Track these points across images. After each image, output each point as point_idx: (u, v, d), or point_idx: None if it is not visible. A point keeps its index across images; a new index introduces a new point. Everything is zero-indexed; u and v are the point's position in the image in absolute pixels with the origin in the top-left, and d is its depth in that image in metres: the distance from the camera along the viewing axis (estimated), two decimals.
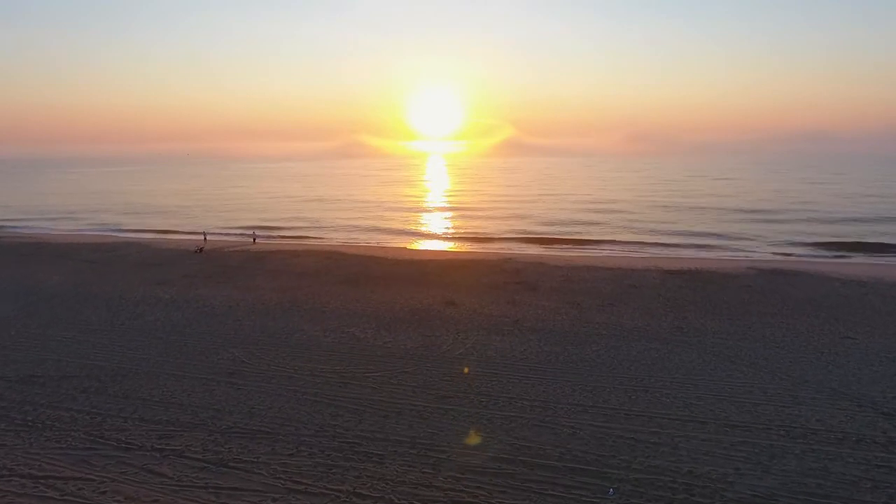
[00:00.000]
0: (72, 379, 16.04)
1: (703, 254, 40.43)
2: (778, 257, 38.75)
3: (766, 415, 13.40)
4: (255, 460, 11.72)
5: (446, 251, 42.98)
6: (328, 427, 13.04)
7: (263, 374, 16.23)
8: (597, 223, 57.14)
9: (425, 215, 68.68)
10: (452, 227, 57.53)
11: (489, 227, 55.54)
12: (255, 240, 45.86)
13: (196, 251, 38.11)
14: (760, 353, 17.61)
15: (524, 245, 45.53)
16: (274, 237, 50.62)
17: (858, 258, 37.94)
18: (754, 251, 41.39)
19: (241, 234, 51.04)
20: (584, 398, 14.34)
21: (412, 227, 57.21)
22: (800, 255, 39.51)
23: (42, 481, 11.05)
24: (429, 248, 44.46)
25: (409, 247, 44.89)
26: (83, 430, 13.11)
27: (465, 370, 16.91)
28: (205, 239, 45.86)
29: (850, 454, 11.65)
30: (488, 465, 11.43)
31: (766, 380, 15.45)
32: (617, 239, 46.99)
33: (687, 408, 13.80)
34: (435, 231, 55.16)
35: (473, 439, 12.60)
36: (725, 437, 12.37)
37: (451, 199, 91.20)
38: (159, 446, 12.32)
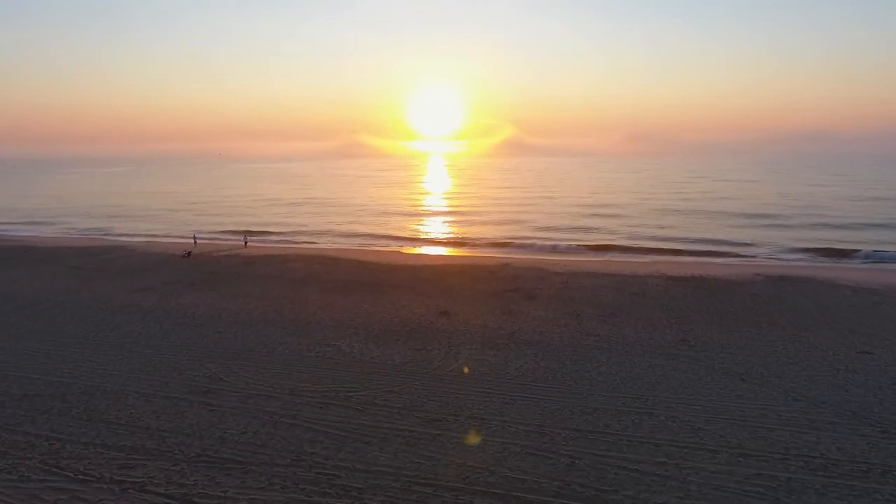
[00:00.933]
0: (35, 398, 14.96)
1: (706, 259, 39.34)
2: (784, 263, 37.65)
3: (781, 442, 12.32)
4: (223, 495, 10.65)
5: (442, 256, 41.92)
6: (305, 455, 11.98)
7: (240, 393, 15.15)
8: (597, 227, 56.05)
9: (422, 219, 67.55)
10: (449, 231, 56.42)
11: (487, 232, 54.41)
12: (246, 243, 44.80)
13: (184, 255, 37.00)
14: (772, 369, 16.54)
15: (522, 250, 44.44)
16: (266, 240, 49.59)
17: (868, 264, 36.89)
18: (759, 257, 40.29)
19: (233, 238, 49.97)
20: (584, 422, 13.27)
21: (407, 232, 56.02)
22: (807, 261, 38.44)
23: None
24: (424, 254, 43.38)
25: (403, 252, 43.81)
26: (39, 457, 12.04)
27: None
28: (195, 242, 44.79)
29: (876, 489, 10.57)
30: (478, 502, 10.38)
31: (779, 401, 14.38)
32: (618, 244, 45.89)
33: (695, 434, 12.73)
34: (431, 235, 54.05)
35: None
36: (738, 468, 11.30)
37: (449, 201, 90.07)
38: (119, 478, 11.25)
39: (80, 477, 11.32)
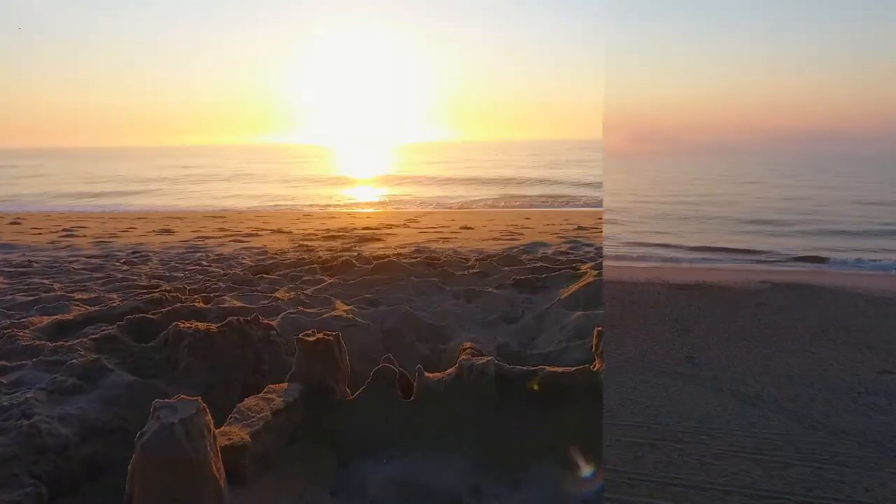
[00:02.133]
0: None
1: (710, 265, 38.10)
2: (792, 269, 36.32)
3: (801, 481, 10.96)
4: None
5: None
6: None
7: None
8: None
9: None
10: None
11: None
12: None
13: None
14: (785, 391, 15.19)
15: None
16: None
17: (879, 271, 35.64)
18: (766, 263, 39.05)
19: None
20: None
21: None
22: (815, 268, 37.14)
23: None
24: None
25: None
26: None
27: None
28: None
29: None
30: None
31: (794, 429, 13.03)
32: (617, 249, 44.65)
33: (704, 470, 11.38)
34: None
35: None
36: None
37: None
38: None
39: None
